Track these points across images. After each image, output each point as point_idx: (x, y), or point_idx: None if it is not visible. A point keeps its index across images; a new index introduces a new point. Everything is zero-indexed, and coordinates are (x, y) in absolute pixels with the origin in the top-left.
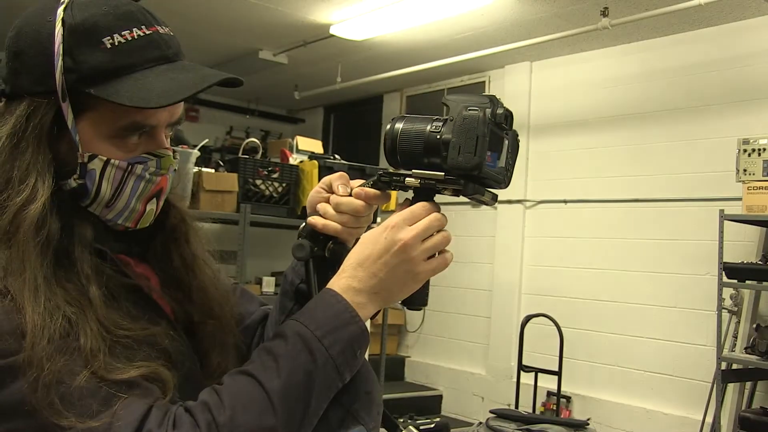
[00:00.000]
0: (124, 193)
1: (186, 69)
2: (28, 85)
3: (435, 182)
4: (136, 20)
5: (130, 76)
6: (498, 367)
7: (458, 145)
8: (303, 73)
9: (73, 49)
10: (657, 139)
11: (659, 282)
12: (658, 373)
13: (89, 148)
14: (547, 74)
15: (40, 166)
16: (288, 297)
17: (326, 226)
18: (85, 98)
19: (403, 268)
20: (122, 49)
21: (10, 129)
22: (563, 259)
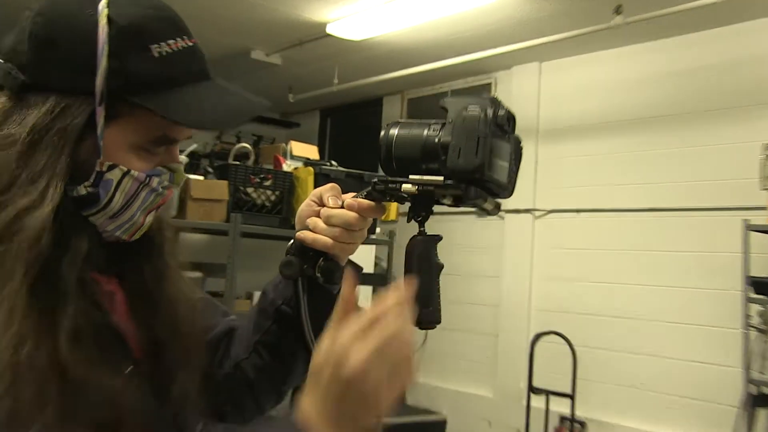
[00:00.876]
0: (134, 206)
1: (228, 90)
2: (59, 80)
3: (434, 188)
4: (179, 29)
5: (176, 89)
6: (506, 389)
7: (458, 146)
8: (298, 75)
9: (121, 51)
10: (675, 145)
11: (680, 297)
12: (681, 396)
13: (110, 157)
14: (557, 76)
15: (57, 170)
16: (265, 316)
17: (316, 240)
18: (120, 105)
19: (355, 405)
20: (169, 59)
21: (30, 126)
22: (576, 273)
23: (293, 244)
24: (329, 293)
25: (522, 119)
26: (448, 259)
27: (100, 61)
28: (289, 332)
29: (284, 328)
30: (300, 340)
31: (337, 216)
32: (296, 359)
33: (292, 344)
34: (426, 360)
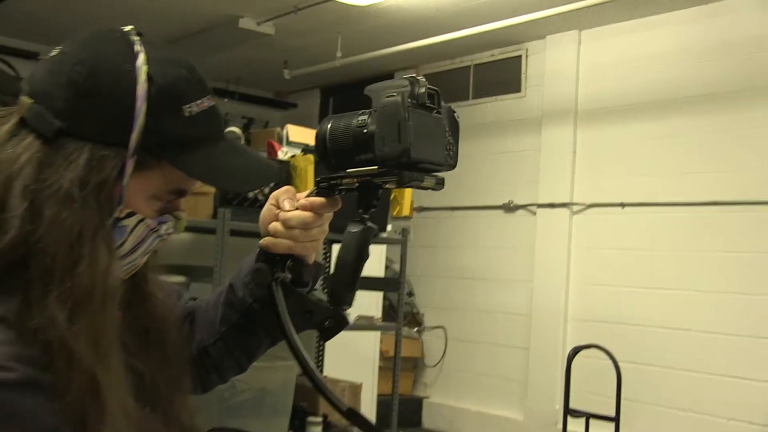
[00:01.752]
0: (140, 249)
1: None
2: (94, 132)
3: (371, 178)
4: (205, 89)
5: (202, 148)
6: (539, 412)
7: (382, 135)
8: (294, 47)
9: (157, 111)
10: (740, 126)
11: (742, 306)
12: (748, 421)
13: (129, 205)
14: (600, 46)
15: (105, 224)
16: (234, 309)
17: (277, 245)
18: (148, 158)
19: None
20: (197, 119)
21: (78, 180)
22: (621, 277)
23: (260, 252)
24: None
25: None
26: (472, 261)
27: (137, 118)
28: (256, 326)
29: (251, 322)
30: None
31: (294, 218)
32: (260, 346)
33: (256, 335)
34: (445, 377)
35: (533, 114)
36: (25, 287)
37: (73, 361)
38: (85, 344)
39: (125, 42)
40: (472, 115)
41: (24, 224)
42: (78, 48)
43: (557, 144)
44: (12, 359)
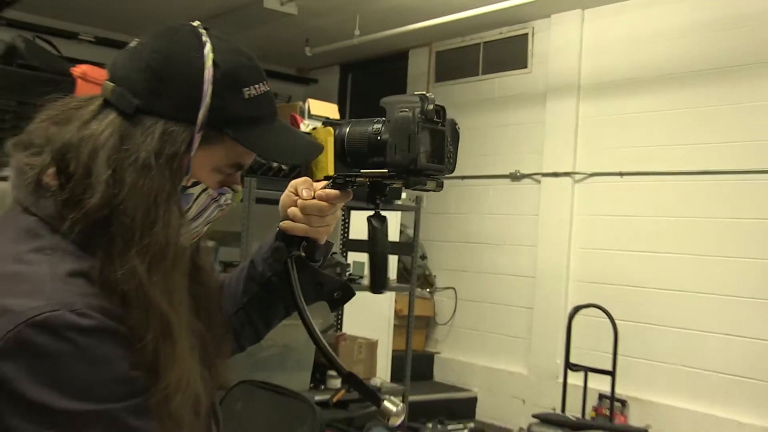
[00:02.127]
0: (202, 217)
1: (290, 131)
2: (168, 109)
3: (381, 179)
4: (262, 76)
5: (258, 127)
6: (542, 366)
7: (394, 144)
8: (315, 26)
9: (221, 92)
10: (734, 100)
11: (732, 268)
12: (732, 374)
13: (195, 175)
14: (602, 24)
15: (176, 191)
16: (255, 282)
17: (295, 228)
18: (213, 134)
19: None
20: (254, 101)
21: (154, 151)
22: (618, 241)
23: (279, 232)
24: (311, 268)
25: (562, 73)
26: (480, 227)
27: (204, 98)
28: (274, 297)
29: (270, 294)
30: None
31: (310, 206)
32: (276, 316)
33: (274, 306)
34: (455, 334)
35: (538, 89)
36: (107, 245)
37: (150, 307)
38: (160, 293)
39: (195, 34)
40: (481, 90)
41: (108, 188)
42: (154, 39)
43: (561, 117)
44: (93, 309)
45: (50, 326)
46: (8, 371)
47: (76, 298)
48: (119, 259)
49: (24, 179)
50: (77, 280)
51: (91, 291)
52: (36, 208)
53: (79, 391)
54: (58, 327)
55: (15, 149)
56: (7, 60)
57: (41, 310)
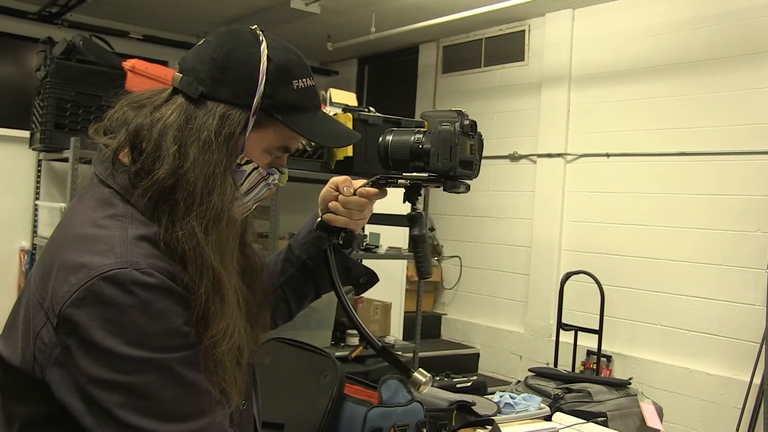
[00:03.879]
0: (252, 194)
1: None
2: (227, 95)
3: (421, 182)
4: (309, 72)
5: (304, 114)
6: (537, 326)
7: (437, 153)
8: (336, 23)
9: (273, 81)
10: (706, 90)
11: (705, 238)
12: (703, 332)
13: (248, 154)
14: (590, 22)
15: (231, 166)
16: (291, 264)
17: (336, 221)
18: (264, 119)
19: None
20: (302, 92)
21: (215, 130)
22: (605, 215)
23: (320, 223)
24: (343, 254)
25: (555, 65)
26: (484, 202)
27: (259, 86)
28: (307, 279)
29: (304, 275)
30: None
31: (352, 202)
32: (308, 296)
33: (306, 287)
34: (460, 297)
35: (534, 79)
36: (171, 211)
37: (204, 263)
38: (214, 252)
39: (253, 35)
40: (483, 81)
41: (174, 160)
42: (218, 37)
43: (554, 104)
44: (155, 269)
45: (119, 281)
46: (82, 318)
47: (142, 258)
48: (180, 222)
49: (102, 156)
50: (143, 243)
51: (155, 253)
52: (112, 181)
53: (137, 339)
54: (125, 282)
55: (96, 133)
56: (68, 56)
57: (112, 266)
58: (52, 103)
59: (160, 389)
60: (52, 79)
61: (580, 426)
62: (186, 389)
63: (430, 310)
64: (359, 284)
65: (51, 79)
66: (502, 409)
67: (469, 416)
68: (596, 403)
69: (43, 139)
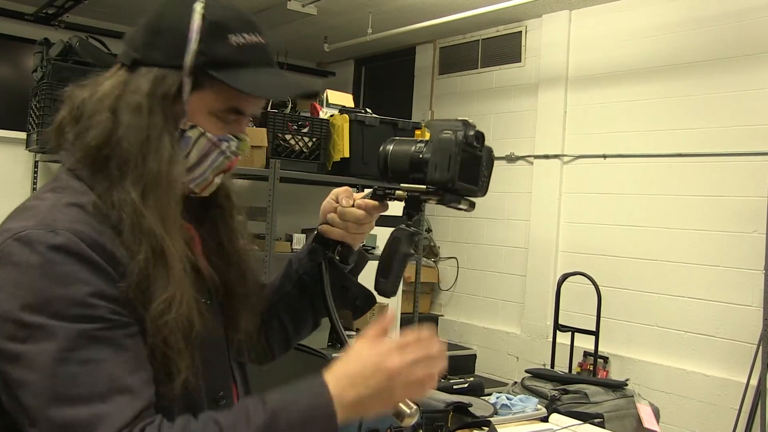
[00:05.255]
0: (205, 163)
1: (283, 75)
2: (161, 59)
3: (419, 194)
4: (254, 28)
5: (245, 69)
6: (533, 327)
7: (435, 163)
8: (333, 25)
9: (206, 38)
10: (703, 91)
11: (702, 240)
12: (700, 333)
13: (192, 119)
14: (587, 23)
15: (169, 128)
16: (289, 281)
17: (333, 233)
18: (203, 78)
19: (383, 394)
20: (242, 48)
21: (146, 93)
22: (602, 216)
23: (316, 235)
24: (341, 271)
25: (551, 67)
26: (480, 203)
27: (189, 44)
28: (305, 295)
29: (302, 294)
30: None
31: (349, 213)
32: (306, 320)
33: (305, 305)
34: (457, 298)
35: (531, 80)
36: (107, 177)
37: (142, 229)
38: (154, 217)
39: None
40: (480, 82)
41: (106, 127)
42: (157, 5)
43: (551, 105)
44: (72, 232)
45: (28, 240)
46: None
47: (63, 222)
48: (116, 188)
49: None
50: (72, 209)
51: (83, 219)
52: (63, 160)
53: (34, 302)
54: (34, 242)
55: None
56: (64, 57)
57: (26, 228)
58: (48, 105)
59: (52, 363)
60: (48, 81)
61: (576, 427)
62: (82, 368)
63: (427, 311)
64: (355, 306)
65: (47, 81)
66: (499, 410)
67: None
68: (593, 405)
69: (39, 141)
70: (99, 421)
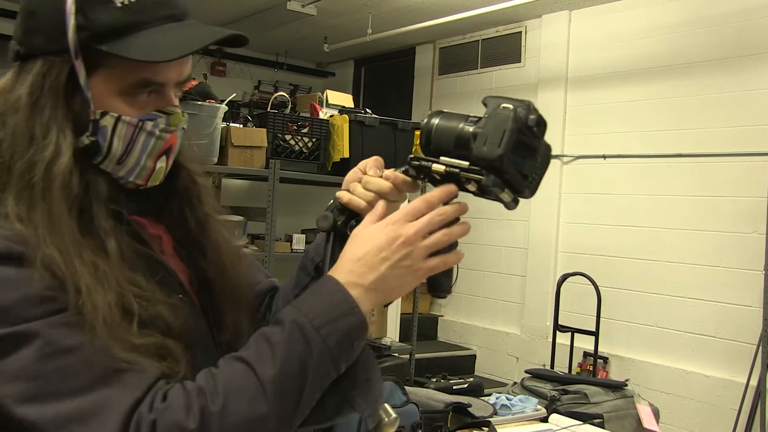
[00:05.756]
0: (135, 150)
1: (193, 26)
2: (42, 44)
3: (459, 171)
4: None
5: (141, 33)
6: (533, 327)
7: (485, 136)
8: (332, 25)
9: (85, 7)
10: (702, 91)
11: (702, 240)
12: (699, 334)
13: (101, 106)
14: (587, 24)
15: (59, 122)
16: (305, 272)
17: (351, 201)
18: (97, 55)
19: (402, 264)
20: (133, 7)
21: (29, 87)
22: (601, 216)
23: (333, 203)
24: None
25: (551, 67)
26: (479, 204)
27: (68, 19)
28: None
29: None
30: None
31: (374, 183)
32: None
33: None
34: (457, 299)
35: (531, 81)
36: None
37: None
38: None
39: None
40: (480, 82)
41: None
42: None
43: (551, 106)
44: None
45: None
46: None
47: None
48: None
49: None
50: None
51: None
52: None
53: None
54: None
55: None
56: None
57: None
58: None
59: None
60: None
61: (576, 427)
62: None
63: (427, 311)
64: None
65: None
66: (499, 410)
67: (465, 418)
68: (593, 405)
69: None
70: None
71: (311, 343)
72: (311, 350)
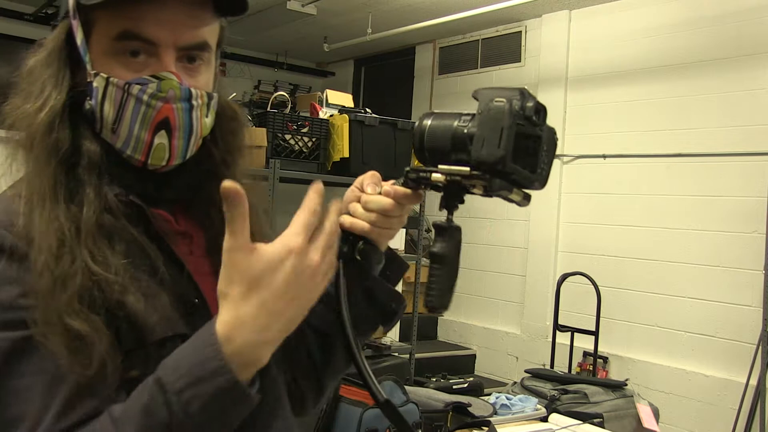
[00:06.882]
0: (126, 117)
1: None
2: (63, 8)
3: (461, 178)
4: None
5: None
6: (533, 327)
7: (482, 137)
8: (332, 25)
9: None
10: (702, 91)
11: (702, 240)
12: (699, 334)
13: (97, 67)
14: (587, 23)
15: (54, 79)
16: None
17: (354, 224)
18: (88, 14)
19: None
20: None
21: (45, 50)
22: (602, 216)
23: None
24: (363, 270)
25: (551, 67)
26: (479, 203)
27: None
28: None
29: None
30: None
31: (374, 202)
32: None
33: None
34: (457, 299)
35: (531, 80)
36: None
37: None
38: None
39: None
40: (480, 82)
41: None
42: None
43: (550, 105)
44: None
45: None
46: None
47: None
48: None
49: None
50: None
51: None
52: None
53: None
54: None
55: None
56: None
57: None
58: None
59: None
60: None
61: (576, 427)
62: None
63: (427, 311)
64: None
65: None
66: (499, 410)
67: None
68: (592, 405)
69: None
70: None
71: (173, 407)
72: (172, 418)
